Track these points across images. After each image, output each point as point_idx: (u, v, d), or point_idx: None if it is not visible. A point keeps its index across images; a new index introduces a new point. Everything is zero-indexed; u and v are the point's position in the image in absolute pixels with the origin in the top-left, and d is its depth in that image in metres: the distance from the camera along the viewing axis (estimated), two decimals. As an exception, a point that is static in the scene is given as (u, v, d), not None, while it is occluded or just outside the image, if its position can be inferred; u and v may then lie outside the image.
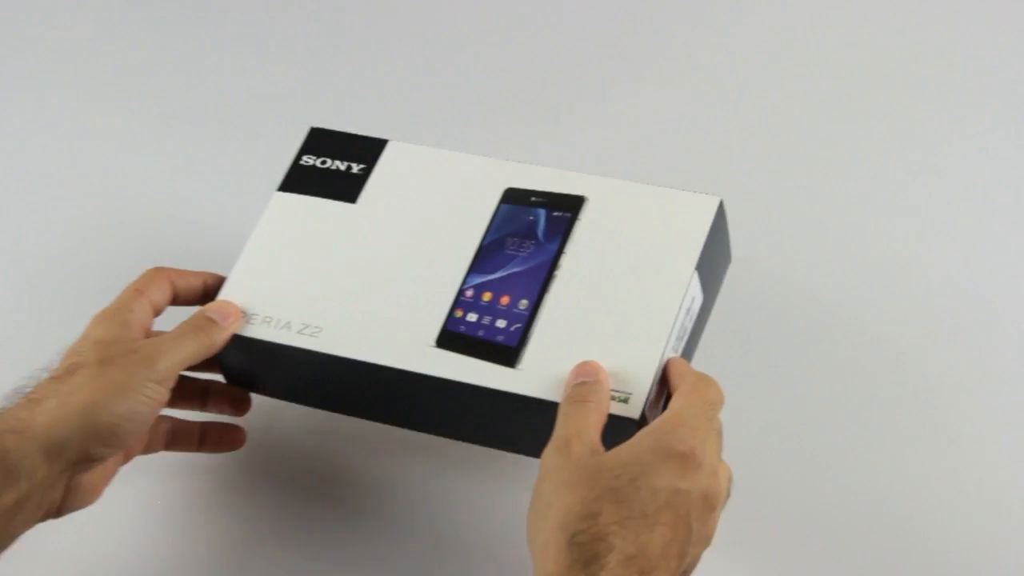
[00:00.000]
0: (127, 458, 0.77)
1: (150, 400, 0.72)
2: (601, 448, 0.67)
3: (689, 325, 0.77)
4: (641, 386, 0.72)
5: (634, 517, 0.63)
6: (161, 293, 0.77)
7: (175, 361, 0.74)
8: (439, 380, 0.74)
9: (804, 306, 0.87)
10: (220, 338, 0.77)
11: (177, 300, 0.79)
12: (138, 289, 0.76)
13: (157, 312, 0.77)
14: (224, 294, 0.79)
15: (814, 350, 0.85)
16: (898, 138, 0.98)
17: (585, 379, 0.71)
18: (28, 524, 0.69)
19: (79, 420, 0.69)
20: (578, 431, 0.68)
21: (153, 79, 1.06)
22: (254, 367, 0.79)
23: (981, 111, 0.99)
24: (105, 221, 0.97)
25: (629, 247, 0.77)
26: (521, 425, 0.74)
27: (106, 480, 0.75)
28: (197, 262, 0.81)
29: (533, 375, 0.73)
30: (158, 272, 0.78)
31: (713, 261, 0.78)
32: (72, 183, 1.00)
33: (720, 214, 0.78)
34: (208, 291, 0.80)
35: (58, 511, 0.71)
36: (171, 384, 0.74)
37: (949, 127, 0.98)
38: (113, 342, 0.73)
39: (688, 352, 0.78)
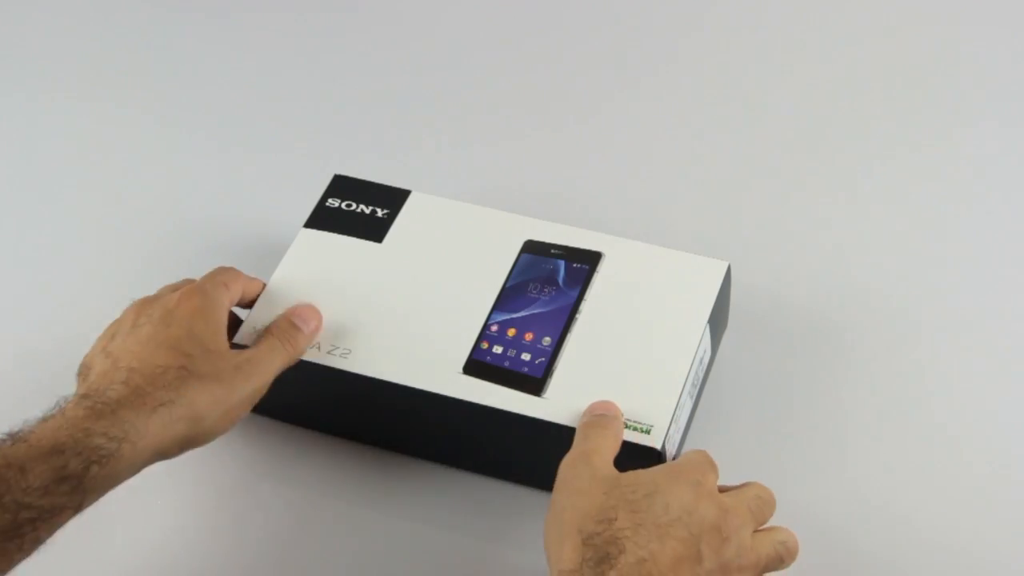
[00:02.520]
0: None
1: (239, 419, 0.75)
2: (615, 470, 0.71)
3: (701, 374, 0.81)
4: (662, 419, 0.75)
5: (646, 525, 0.66)
6: (238, 293, 0.79)
7: (267, 380, 0.76)
8: (467, 404, 0.77)
9: (803, 314, 0.90)
10: (304, 346, 0.79)
11: (240, 302, 0.80)
12: (225, 283, 0.78)
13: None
14: (252, 318, 0.81)
15: (813, 358, 0.88)
16: (895, 142, 1.02)
17: (604, 412, 0.75)
18: None
19: (184, 432, 0.71)
20: (597, 448, 0.72)
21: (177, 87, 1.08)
22: (275, 389, 0.81)
23: (979, 119, 1.03)
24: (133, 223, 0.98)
25: (646, 299, 0.81)
26: (541, 454, 0.77)
27: None
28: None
29: (559, 404, 0.76)
30: (234, 272, 0.79)
31: (718, 320, 0.83)
32: (104, 184, 1.01)
33: (727, 277, 0.83)
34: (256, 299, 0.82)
35: None
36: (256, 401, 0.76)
37: (947, 129, 1.02)
38: (217, 352, 0.74)
39: (697, 401, 0.82)
